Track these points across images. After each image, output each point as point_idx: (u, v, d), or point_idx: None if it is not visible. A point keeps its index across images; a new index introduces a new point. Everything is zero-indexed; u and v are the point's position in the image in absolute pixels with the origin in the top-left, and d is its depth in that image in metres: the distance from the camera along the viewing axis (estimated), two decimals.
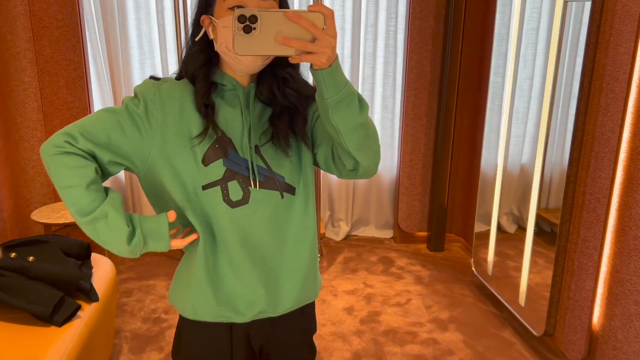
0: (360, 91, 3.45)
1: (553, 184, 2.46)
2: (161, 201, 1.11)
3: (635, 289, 1.87)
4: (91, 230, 1.00)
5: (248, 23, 0.87)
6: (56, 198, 3.21)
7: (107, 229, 0.99)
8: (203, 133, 1.03)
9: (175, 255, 3.37)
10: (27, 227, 3.10)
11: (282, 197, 1.10)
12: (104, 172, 1.05)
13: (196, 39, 1.07)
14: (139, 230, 1.00)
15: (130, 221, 1.01)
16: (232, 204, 1.06)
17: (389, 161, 3.60)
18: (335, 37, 0.88)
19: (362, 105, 0.98)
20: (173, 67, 3.20)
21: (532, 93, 2.68)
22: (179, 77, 1.12)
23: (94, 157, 1.02)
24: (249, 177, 1.07)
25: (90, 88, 3.13)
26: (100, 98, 3.23)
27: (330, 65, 0.90)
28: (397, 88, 3.46)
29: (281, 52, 0.90)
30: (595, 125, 2.04)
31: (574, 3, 2.20)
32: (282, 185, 1.10)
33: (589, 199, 2.08)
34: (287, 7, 1.06)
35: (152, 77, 1.10)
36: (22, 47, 2.92)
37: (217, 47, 1.04)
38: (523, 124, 2.75)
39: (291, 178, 1.11)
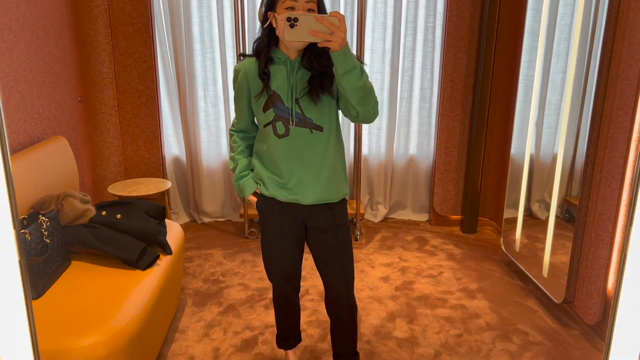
0: (399, 83, 3.73)
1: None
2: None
3: None
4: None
5: (292, 22, 1.45)
6: (127, 175, 3.62)
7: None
8: (260, 93, 1.67)
9: (228, 230, 3.73)
10: (104, 199, 3.52)
11: (312, 132, 1.68)
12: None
13: (264, 27, 1.65)
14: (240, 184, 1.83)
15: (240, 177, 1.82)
16: (279, 136, 1.68)
17: (426, 148, 3.87)
18: (345, 32, 1.44)
19: (362, 75, 1.51)
20: (231, 60, 3.56)
21: (565, 86, 2.87)
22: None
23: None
24: (289, 119, 1.66)
25: (158, 78, 3.53)
26: (166, 87, 3.62)
27: (341, 49, 1.44)
28: (435, 80, 3.72)
29: (312, 39, 1.46)
30: (612, 109, 2.26)
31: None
32: (311, 125, 1.67)
33: (605, 175, 2.31)
34: (323, 9, 1.61)
35: (241, 55, 1.73)
36: (101, 41, 3.34)
37: (277, 33, 1.58)
38: (555, 115, 2.95)
39: (318, 120, 1.67)
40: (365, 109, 1.58)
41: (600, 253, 2.34)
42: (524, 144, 3.13)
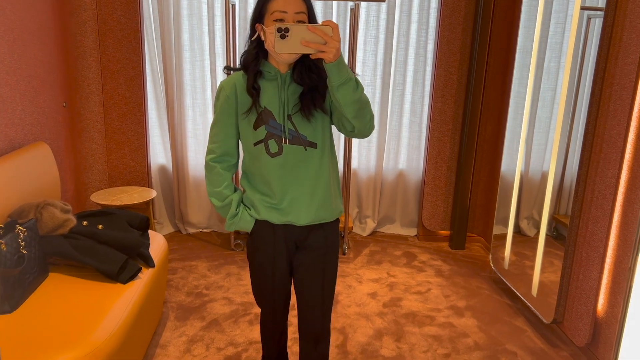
0: (390, 96, 3.70)
1: (572, 190, 2.65)
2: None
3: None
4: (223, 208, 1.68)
5: (283, 33, 1.35)
6: (111, 183, 3.54)
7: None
8: (248, 110, 1.56)
9: (213, 241, 3.66)
10: (86, 208, 3.43)
11: (306, 150, 1.58)
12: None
13: (252, 39, 1.55)
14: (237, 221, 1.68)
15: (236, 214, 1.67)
16: (272, 155, 1.58)
17: (415, 163, 3.84)
18: (339, 41, 1.34)
19: (358, 87, 1.43)
20: (220, 69, 3.51)
21: (555, 104, 2.86)
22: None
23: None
24: (281, 136, 1.56)
25: (145, 85, 3.46)
26: (153, 95, 3.56)
27: (335, 60, 1.35)
28: (426, 94, 3.70)
29: (304, 51, 1.36)
30: (605, 129, 2.25)
31: (597, 19, 2.40)
32: (305, 142, 1.58)
33: (597, 195, 2.28)
34: (314, 18, 1.52)
35: (227, 68, 1.60)
36: (89, 46, 3.27)
37: (266, 45, 1.49)
38: (545, 132, 2.93)
39: (312, 137, 1.58)
40: (361, 123, 1.49)
41: (590, 274, 2.31)
42: (515, 160, 3.11)
